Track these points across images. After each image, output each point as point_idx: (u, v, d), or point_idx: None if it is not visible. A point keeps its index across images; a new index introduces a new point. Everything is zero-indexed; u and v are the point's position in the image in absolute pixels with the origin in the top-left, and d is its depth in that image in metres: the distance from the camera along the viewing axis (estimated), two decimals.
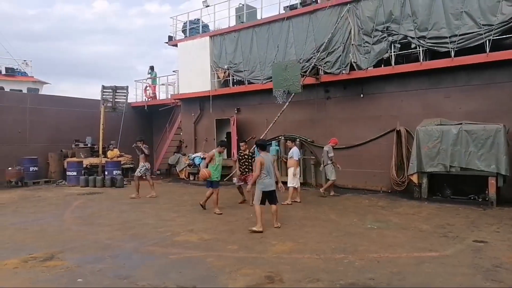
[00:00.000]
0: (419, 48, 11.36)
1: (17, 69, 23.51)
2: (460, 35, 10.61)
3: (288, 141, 10.94)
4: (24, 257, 5.77)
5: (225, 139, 14.59)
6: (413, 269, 5.05)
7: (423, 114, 11.40)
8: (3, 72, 22.75)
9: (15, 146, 15.98)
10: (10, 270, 5.23)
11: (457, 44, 10.63)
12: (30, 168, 15.41)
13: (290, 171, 10.23)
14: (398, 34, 11.70)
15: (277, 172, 7.67)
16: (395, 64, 11.80)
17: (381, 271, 4.97)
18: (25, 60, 24.62)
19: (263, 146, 7.86)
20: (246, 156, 9.98)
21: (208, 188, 9.39)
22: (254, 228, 7.04)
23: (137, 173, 11.83)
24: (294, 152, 10.33)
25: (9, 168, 14.89)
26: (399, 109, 12.08)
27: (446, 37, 10.82)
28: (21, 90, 21.49)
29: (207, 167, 9.21)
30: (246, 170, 9.89)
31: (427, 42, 11.22)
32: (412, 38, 11.48)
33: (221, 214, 8.86)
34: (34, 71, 24.65)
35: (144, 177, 11.82)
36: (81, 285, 4.67)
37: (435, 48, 11.17)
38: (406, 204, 9.91)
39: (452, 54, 10.73)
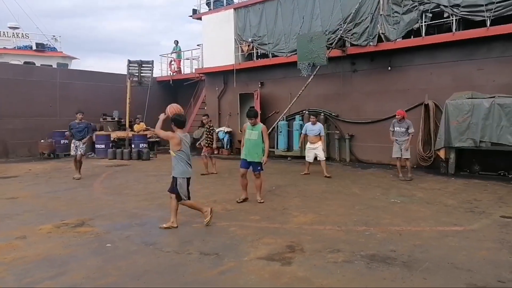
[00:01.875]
0: (452, 17, 10.82)
1: (46, 44, 24.06)
2: (497, 3, 10.00)
3: (313, 118, 10.79)
4: (57, 223, 6.08)
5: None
6: (436, 242, 5.00)
7: (454, 87, 10.96)
8: (34, 47, 23.36)
9: (47, 120, 16.58)
10: (44, 235, 5.53)
11: (494, 12, 10.04)
12: (61, 140, 15.98)
13: (318, 146, 10.52)
14: (430, 3, 11.14)
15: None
16: (425, 35, 11.31)
17: (403, 243, 4.94)
18: (54, 36, 25.20)
19: (181, 122, 5.88)
20: (208, 128, 11.00)
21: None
22: (165, 225, 5.72)
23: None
24: (322, 128, 10.64)
25: (42, 141, 15.51)
26: (428, 82, 11.66)
27: (482, 5, 10.23)
28: (51, 65, 22.06)
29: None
30: (206, 140, 10.98)
31: (461, 11, 10.65)
32: (445, 6, 10.91)
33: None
34: (63, 46, 25.24)
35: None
36: (110, 250, 4.90)
37: (469, 17, 10.60)
38: (431, 179, 9.72)
39: (488, 23, 10.17)
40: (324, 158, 10.48)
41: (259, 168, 7.31)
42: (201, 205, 5.93)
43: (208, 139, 10.99)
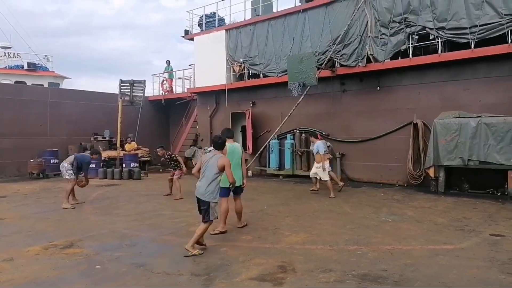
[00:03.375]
0: (438, 39, 11.14)
1: (38, 64, 24.06)
2: (480, 26, 10.34)
3: (311, 137, 10.56)
4: (45, 244, 5.99)
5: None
6: (426, 261, 5.02)
7: (441, 107, 11.19)
8: (25, 67, 23.35)
9: (37, 139, 16.45)
10: (32, 257, 5.43)
11: (478, 34, 10.37)
12: (51, 160, 15.83)
13: (319, 165, 10.16)
14: (416, 25, 11.48)
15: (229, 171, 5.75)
16: (413, 56, 11.60)
17: (394, 262, 4.95)
18: (46, 55, 25.20)
19: (216, 143, 5.90)
20: (168, 158, 10.92)
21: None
22: (194, 252, 5.40)
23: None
24: (319, 147, 10.20)
25: (31, 160, 15.35)
26: (416, 102, 11.89)
27: (466, 28, 10.57)
28: (42, 85, 22.03)
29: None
30: (173, 167, 10.87)
31: (446, 33, 10.97)
32: (431, 29, 11.24)
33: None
34: (55, 66, 25.25)
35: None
36: (99, 272, 4.82)
37: (454, 39, 10.92)
38: (422, 197, 9.79)
39: (472, 45, 10.48)
40: (325, 179, 10.07)
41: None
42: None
43: (171, 165, 10.95)
